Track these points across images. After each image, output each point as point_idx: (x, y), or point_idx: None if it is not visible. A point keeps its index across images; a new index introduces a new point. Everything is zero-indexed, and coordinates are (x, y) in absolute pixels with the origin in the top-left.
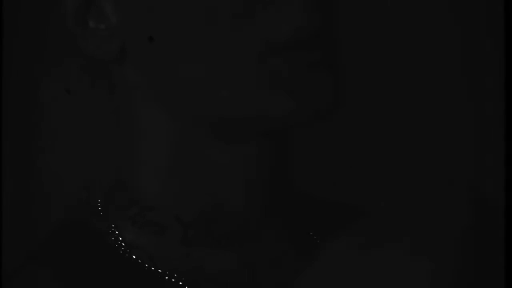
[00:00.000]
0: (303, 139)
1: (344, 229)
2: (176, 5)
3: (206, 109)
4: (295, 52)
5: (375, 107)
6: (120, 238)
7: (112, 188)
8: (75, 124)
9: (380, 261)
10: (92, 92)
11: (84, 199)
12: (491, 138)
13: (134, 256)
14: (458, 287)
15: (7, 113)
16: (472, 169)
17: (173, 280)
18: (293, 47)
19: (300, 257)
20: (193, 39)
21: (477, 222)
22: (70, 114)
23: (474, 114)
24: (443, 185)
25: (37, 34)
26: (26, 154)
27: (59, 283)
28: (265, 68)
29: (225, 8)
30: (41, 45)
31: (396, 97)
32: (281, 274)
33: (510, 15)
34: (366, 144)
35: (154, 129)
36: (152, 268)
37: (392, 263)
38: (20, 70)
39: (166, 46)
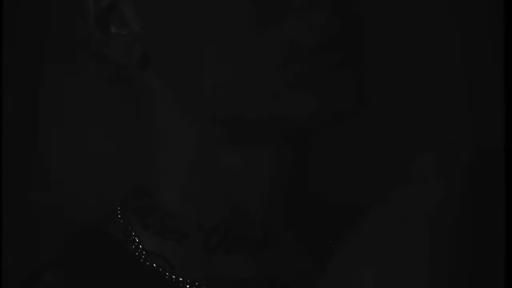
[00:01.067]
0: (323, 142)
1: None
2: (200, 10)
3: (231, 113)
4: (321, 53)
5: (395, 107)
6: (141, 246)
7: (132, 196)
8: (96, 131)
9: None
10: (114, 98)
11: (104, 206)
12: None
13: (154, 265)
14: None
15: (29, 116)
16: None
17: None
18: (319, 49)
19: (319, 267)
20: (218, 44)
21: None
22: (91, 120)
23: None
24: None
25: (54, 39)
26: (46, 159)
27: None
28: (292, 69)
29: (251, 13)
30: (60, 54)
31: (410, 97)
32: (301, 284)
33: (510, 15)
34: (386, 146)
35: (176, 136)
36: (173, 276)
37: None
38: (40, 73)
39: (190, 51)
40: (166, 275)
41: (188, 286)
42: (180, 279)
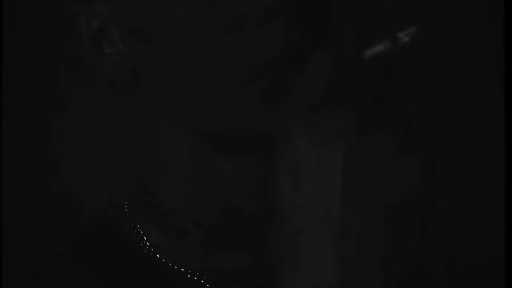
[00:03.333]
0: None
1: None
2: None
3: (208, 125)
4: (280, 69)
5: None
6: (145, 238)
7: (137, 194)
8: (104, 137)
9: None
10: (122, 104)
11: (112, 202)
12: (491, 138)
13: (158, 255)
14: None
15: (42, 114)
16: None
17: (195, 278)
18: (277, 64)
19: None
20: (191, 65)
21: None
22: (101, 122)
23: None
24: None
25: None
26: (56, 157)
27: (87, 279)
28: (254, 85)
29: (216, 30)
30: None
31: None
32: None
33: (510, 15)
34: None
35: (170, 144)
36: (176, 267)
37: None
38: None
39: (171, 71)
40: (169, 265)
41: (189, 276)
42: (182, 269)
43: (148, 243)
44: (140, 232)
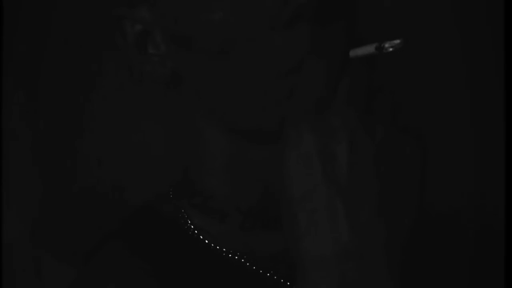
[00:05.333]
0: None
1: None
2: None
3: (242, 121)
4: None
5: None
6: (189, 221)
7: (181, 181)
8: (153, 131)
9: None
10: (163, 108)
11: (158, 189)
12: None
13: (201, 237)
14: None
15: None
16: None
17: (235, 257)
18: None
19: None
20: (226, 67)
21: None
22: (147, 115)
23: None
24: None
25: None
26: (110, 148)
27: (137, 257)
28: (283, 83)
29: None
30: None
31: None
32: None
33: (510, 15)
34: None
35: (209, 137)
36: (217, 247)
37: None
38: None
39: (208, 71)
40: (211, 245)
41: (230, 255)
42: (223, 249)
43: (192, 226)
44: (185, 215)
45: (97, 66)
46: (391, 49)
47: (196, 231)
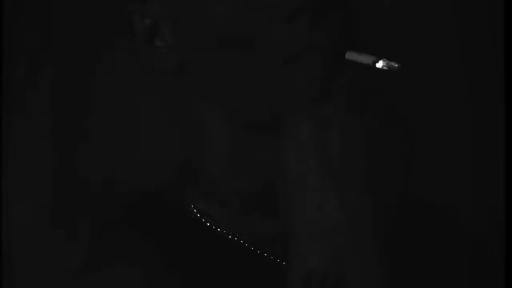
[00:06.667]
0: None
1: None
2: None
3: (245, 111)
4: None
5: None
6: (192, 205)
7: (185, 168)
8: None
9: None
10: (169, 98)
11: (164, 175)
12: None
13: (203, 220)
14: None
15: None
16: (471, 170)
17: (235, 239)
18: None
19: None
20: (230, 59)
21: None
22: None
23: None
24: None
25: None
26: (120, 141)
27: (144, 238)
28: (285, 76)
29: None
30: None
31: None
32: None
33: (510, 15)
34: None
35: (212, 125)
36: (218, 229)
37: None
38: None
39: (212, 63)
40: (213, 228)
41: (230, 237)
42: (224, 232)
43: (195, 210)
44: (188, 200)
45: (101, 56)
46: (385, 68)
47: (199, 215)
